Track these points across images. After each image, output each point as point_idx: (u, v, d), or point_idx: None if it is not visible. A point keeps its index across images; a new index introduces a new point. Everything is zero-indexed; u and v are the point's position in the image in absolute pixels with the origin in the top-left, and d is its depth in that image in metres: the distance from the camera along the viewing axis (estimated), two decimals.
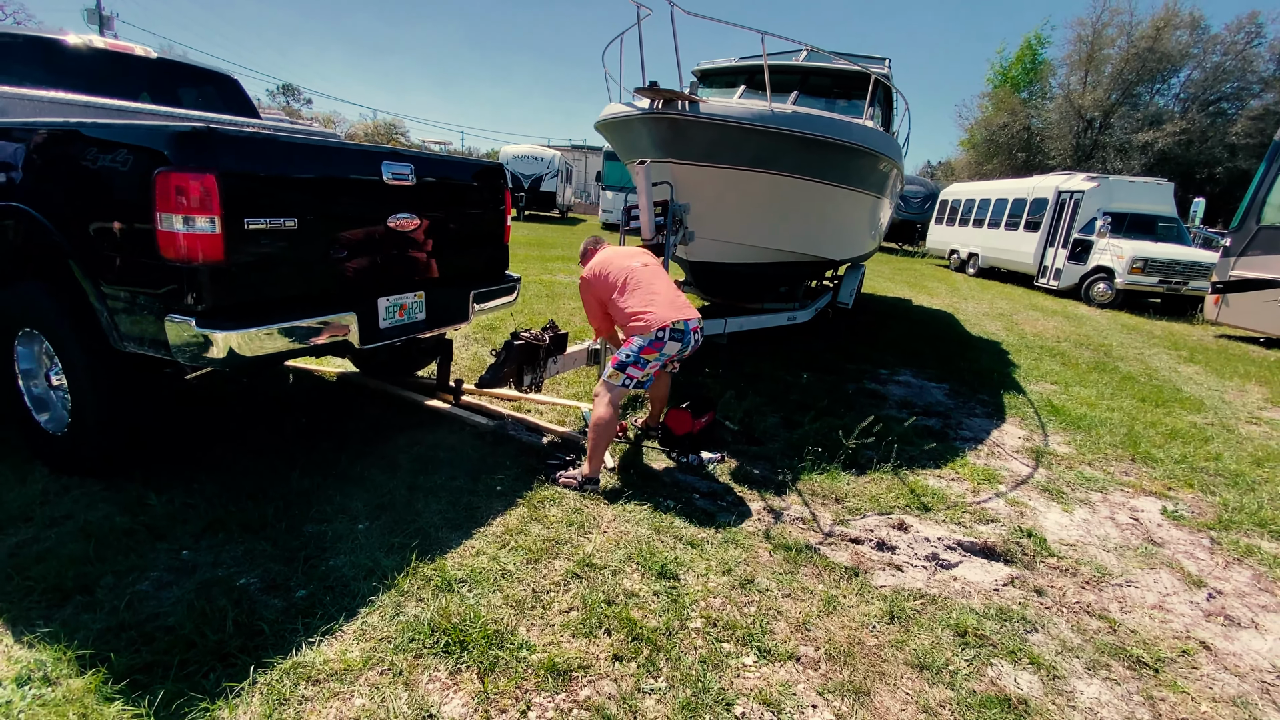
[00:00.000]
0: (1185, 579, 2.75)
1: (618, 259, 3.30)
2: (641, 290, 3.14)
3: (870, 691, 1.92)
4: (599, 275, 3.26)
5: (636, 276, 3.19)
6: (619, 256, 3.33)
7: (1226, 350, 8.39)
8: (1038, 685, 2.02)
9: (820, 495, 3.19)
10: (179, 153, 2.15)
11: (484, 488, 2.95)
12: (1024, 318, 9.86)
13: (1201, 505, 3.50)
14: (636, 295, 3.14)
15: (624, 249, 3.51)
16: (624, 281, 3.18)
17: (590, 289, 3.33)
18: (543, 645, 1.98)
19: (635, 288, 3.15)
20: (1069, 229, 12.94)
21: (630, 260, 3.29)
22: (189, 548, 2.35)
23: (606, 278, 3.23)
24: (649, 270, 3.26)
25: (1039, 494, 3.46)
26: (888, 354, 6.44)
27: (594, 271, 3.30)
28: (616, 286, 3.18)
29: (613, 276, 3.21)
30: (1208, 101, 26.52)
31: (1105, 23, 27.44)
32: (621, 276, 3.19)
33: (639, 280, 3.18)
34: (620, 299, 3.16)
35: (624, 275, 3.19)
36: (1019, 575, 2.64)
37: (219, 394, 3.92)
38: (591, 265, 3.36)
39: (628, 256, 3.34)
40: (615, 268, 3.24)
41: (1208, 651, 2.29)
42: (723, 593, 2.33)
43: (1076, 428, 4.58)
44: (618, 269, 3.23)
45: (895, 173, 6.76)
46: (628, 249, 3.51)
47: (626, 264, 3.26)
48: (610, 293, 3.21)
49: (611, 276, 3.21)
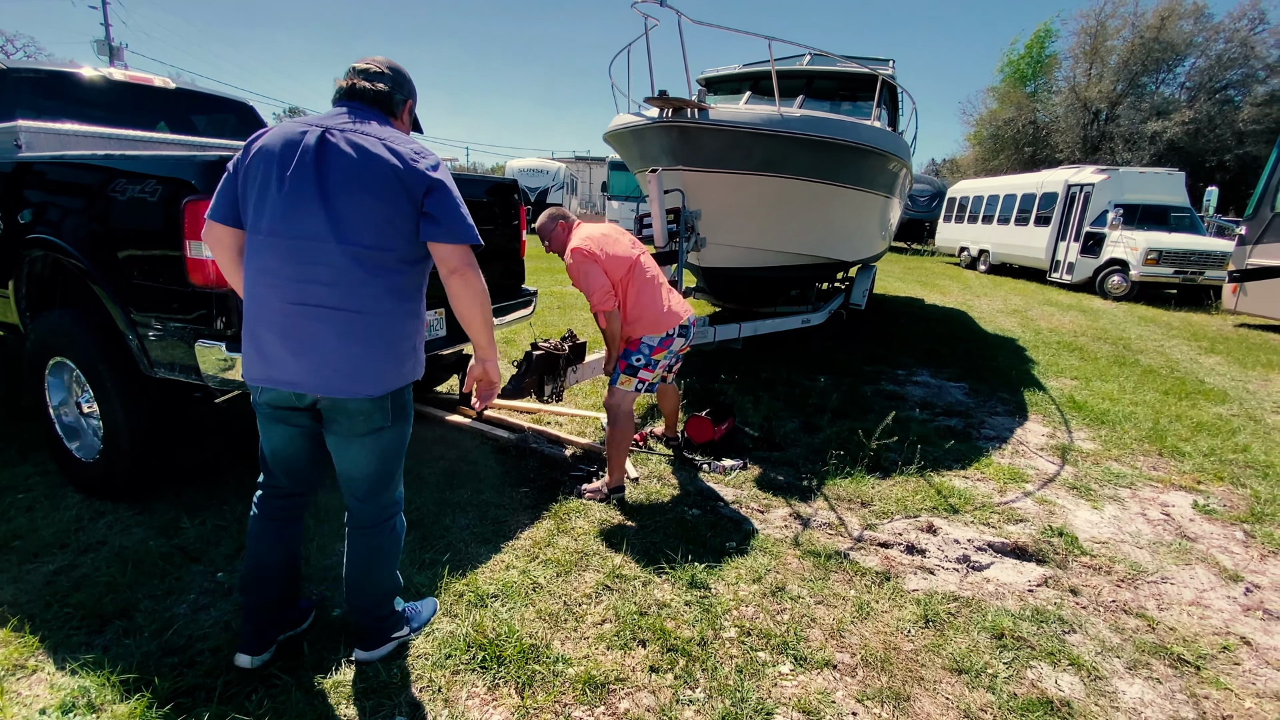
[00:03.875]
0: (1221, 574, 2.71)
1: (616, 241, 3.04)
2: (649, 285, 3.02)
3: (910, 697, 1.90)
4: (606, 256, 2.94)
5: (641, 268, 3.03)
6: (613, 240, 3.04)
7: (1247, 339, 8.28)
8: (1079, 686, 2.00)
9: (846, 500, 3.18)
10: (207, 181, 2.19)
11: (510, 501, 2.96)
12: (1039, 313, 9.78)
13: (1233, 498, 3.45)
14: (645, 290, 3.01)
15: (601, 227, 3.14)
16: (629, 270, 2.98)
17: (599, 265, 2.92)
18: (579, 658, 1.98)
19: (642, 281, 3.01)
20: (1080, 222, 12.84)
21: (625, 243, 3.07)
22: (223, 569, 2.38)
23: (613, 260, 2.96)
24: (648, 262, 3.11)
25: (1067, 492, 3.42)
26: (903, 354, 6.41)
27: (599, 249, 2.95)
28: (623, 273, 2.97)
29: (619, 260, 2.97)
30: (1214, 89, 26.28)
31: (1109, 14, 27.34)
32: (626, 264, 2.98)
33: (651, 274, 3.05)
34: (634, 291, 3.00)
35: (629, 264, 2.99)
36: (1052, 575, 2.61)
37: (246, 416, 3.97)
38: (589, 239, 2.99)
39: (621, 241, 3.07)
40: (619, 252, 3.00)
41: (1248, 647, 2.25)
42: (754, 601, 2.32)
43: (1100, 423, 4.53)
44: (621, 254, 3.00)
45: (904, 172, 6.76)
46: (604, 227, 3.15)
47: (628, 250, 3.04)
48: (617, 276, 2.96)
49: (617, 260, 2.97)
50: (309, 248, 1.56)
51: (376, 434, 1.73)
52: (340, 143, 1.57)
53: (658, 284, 3.09)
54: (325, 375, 1.61)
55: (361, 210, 1.57)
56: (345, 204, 1.56)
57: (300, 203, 1.55)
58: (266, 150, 1.58)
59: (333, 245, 1.56)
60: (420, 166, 1.60)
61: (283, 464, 1.82)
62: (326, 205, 1.55)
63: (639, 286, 3.01)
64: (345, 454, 1.76)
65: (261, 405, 1.73)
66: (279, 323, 1.59)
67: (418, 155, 1.62)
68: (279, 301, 1.58)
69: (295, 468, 1.83)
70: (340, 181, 1.55)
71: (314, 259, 1.56)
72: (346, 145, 1.57)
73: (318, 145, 1.56)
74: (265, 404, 1.72)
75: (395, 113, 1.74)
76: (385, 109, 1.71)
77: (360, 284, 1.59)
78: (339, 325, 1.59)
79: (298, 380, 1.62)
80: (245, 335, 1.65)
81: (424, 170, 1.60)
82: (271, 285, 1.58)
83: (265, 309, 1.60)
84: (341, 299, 1.58)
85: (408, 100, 1.78)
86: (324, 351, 1.60)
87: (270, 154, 1.57)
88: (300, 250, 1.56)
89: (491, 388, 1.85)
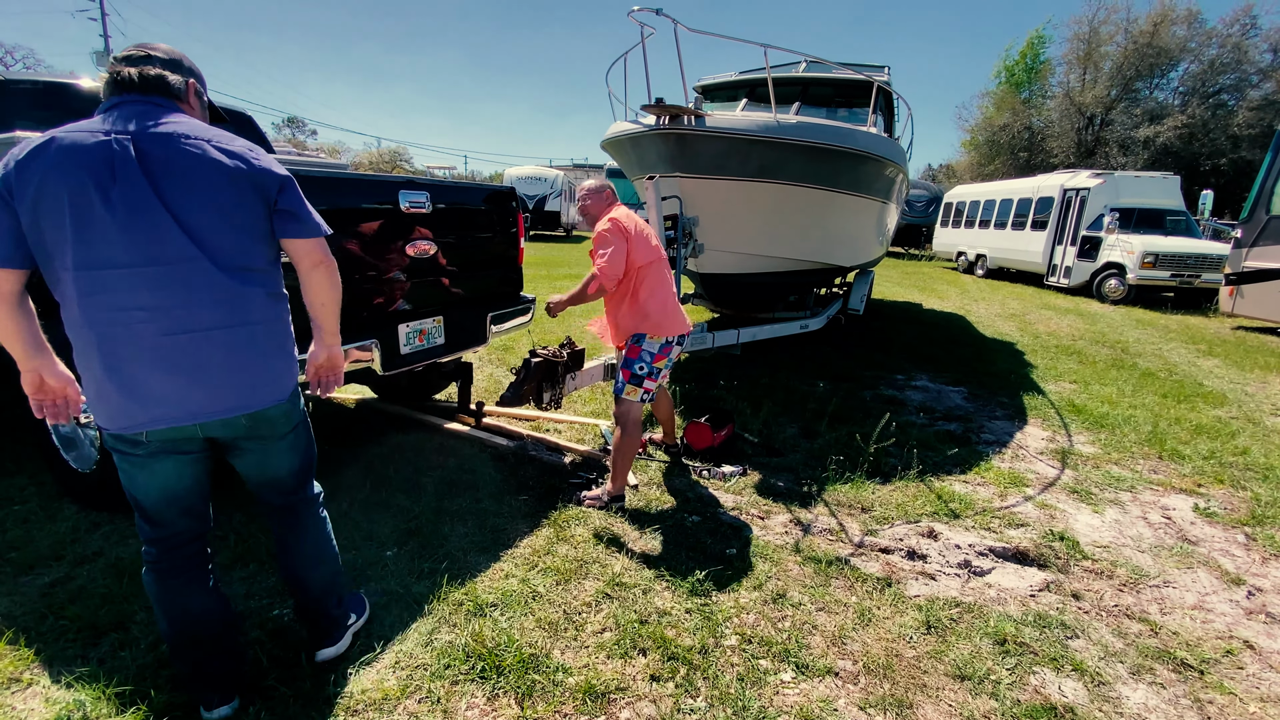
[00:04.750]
0: (1223, 577, 2.70)
1: (650, 235, 3.03)
2: (664, 285, 3.02)
3: (912, 704, 1.89)
4: (638, 234, 2.92)
5: (663, 266, 3.03)
6: (647, 232, 3.02)
7: (1245, 342, 8.30)
8: (1083, 692, 1.99)
9: (846, 505, 3.17)
10: None
11: (509, 509, 2.95)
12: (1037, 317, 9.80)
13: (1233, 501, 3.45)
14: (661, 288, 3.00)
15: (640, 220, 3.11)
16: (651, 263, 2.95)
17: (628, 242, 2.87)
18: (579, 667, 1.96)
19: (659, 279, 3.00)
20: (1077, 227, 12.89)
21: (655, 242, 3.04)
22: (221, 580, 2.36)
23: (640, 243, 2.92)
24: (667, 267, 3.11)
25: (1067, 496, 3.42)
26: (902, 359, 6.41)
27: (633, 228, 2.92)
28: (645, 262, 2.93)
29: (646, 248, 2.95)
30: (1207, 94, 26.44)
31: (1102, 20, 27.56)
32: (651, 255, 2.95)
33: (665, 273, 3.04)
34: (644, 282, 2.96)
35: (653, 256, 2.96)
36: (1054, 580, 2.60)
37: None
38: (629, 217, 2.96)
39: (653, 237, 3.05)
40: (648, 241, 2.98)
41: (1251, 650, 2.24)
42: (755, 608, 2.31)
43: (1100, 427, 4.53)
44: (651, 244, 2.98)
45: (900, 177, 6.78)
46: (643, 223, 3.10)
47: (656, 246, 3.02)
48: (638, 263, 2.93)
49: (645, 247, 2.94)
50: (181, 271, 1.44)
51: (295, 430, 1.78)
52: (163, 150, 1.42)
53: (671, 289, 3.09)
54: (241, 392, 1.57)
55: (219, 220, 1.48)
56: (200, 218, 1.45)
57: (149, 225, 1.40)
58: (62, 172, 1.35)
59: (206, 264, 1.47)
60: (266, 164, 1.53)
61: (179, 504, 1.66)
62: (180, 222, 1.43)
63: (655, 282, 2.98)
64: (270, 460, 1.76)
65: (144, 447, 1.55)
66: (165, 356, 1.46)
67: (253, 151, 1.54)
68: (157, 335, 1.44)
69: (192, 504, 1.69)
70: (184, 193, 1.43)
71: (191, 282, 1.46)
72: (173, 153, 1.43)
73: (138, 157, 1.40)
74: (157, 442, 1.55)
75: (182, 97, 1.57)
76: (169, 94, 1.53)
77: (244, 296, 1.53)
78: (237, 341, 1.54)
79: (205, 408, 1.53)
80: (105, 380, 1.45)
81: (272, 168, 1.55)
82: (143, 320, 1.43)
83: (137, 347, 1.44)
84: (230, 316, 1.52)
85: (189, 80, 1.60)
86: (230, 370, 1.54)
87: (71, 175, 1.35)
88: (171, 276, 1.43)
89: (337, 374, 1.82)
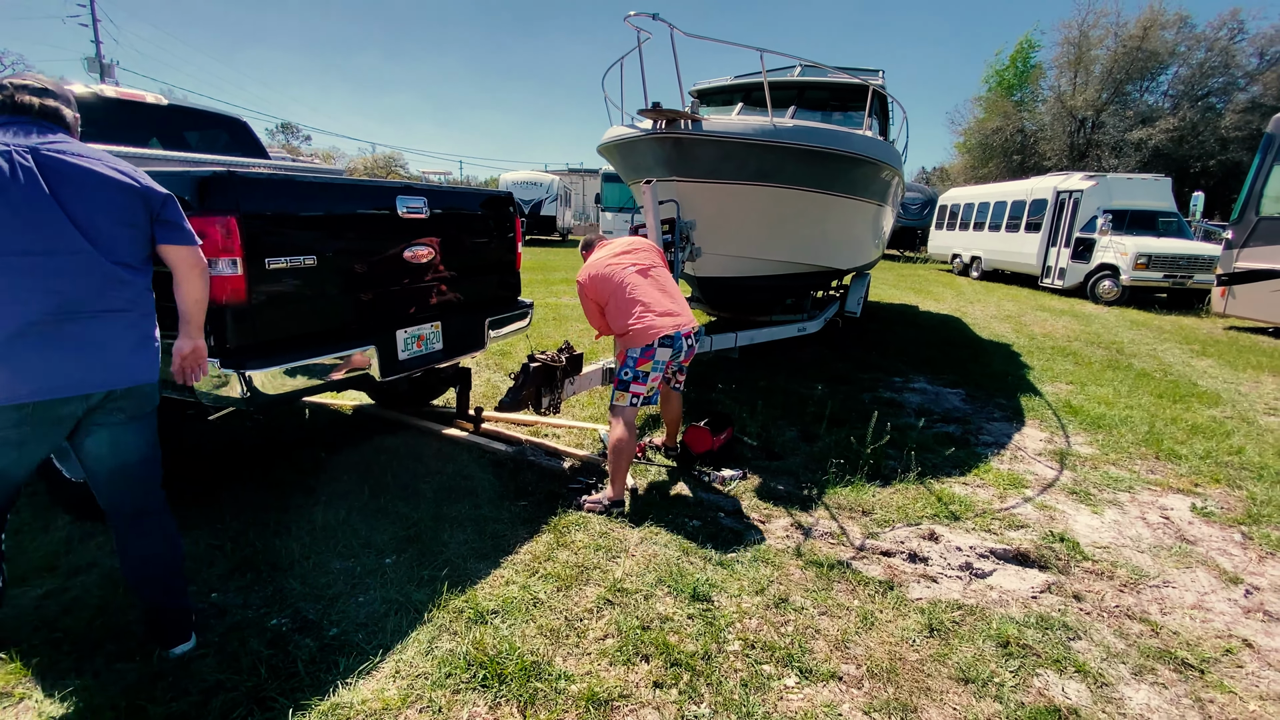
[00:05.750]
0: (1221, 576, 2.71)
1: (612, 261, 3.23)
2: (633, 298, 3.09)
3: (917, 708, 1.88)
4: (594, 277, 3.20)
5: (631, 284, 3.12)
6: (613, 256, 3.25)
7: (1237, 342, 8.35)
8: (1086, 694, 1.98)
9: (847, 509, 3.16)
10: (202, 197, 2.18)
11: (508, 515, 2.93)
12: (1032, 319, 9.84)
13: (1230, 500, 3.46)
14: (627, 305, 3.08)
15: (619, 243, 3.39)
16: (617, 287, 3.12)
17: (586, 292, 3.25)
18: (581, 675, 1.95)
19: (626, 296, 3.10)
20: (1070, 228, 12.97)
21: (626, 261, 3.22)
22: (218, 589, 2.34)
23: (600, 281, 3.17)
24: (642, 275, 3.19)
25: (1067, 497, 3.42)
26: (900, 361, 6.42)
27: (588, 276, 3.23)
28: (609, 291, 3.13)
29: (606, 280, 3.15)
30: (1197, 97, 26.70)
31: (1091, 24, 27.81)
32: (614, 282, 3.14)
33: (632, 286, 3.12)
34: (613, 306, 3.12)
35: (617, 280, 3.14)
36: (1055, 581, 2.60)
37: (239, 432, 3.93)
38: (587, 267, 3.28)
39: (623, 254, 3.26)
40: (609, 271, 3.17)
41: (1250, 649, 2.25)
42: (758, 613, 2.30)
43: (1097, 427, 4.54)
44: (611, 272, 3.16)
45: (896, 180, 6.80)
46: (623, 243, 3.40)
47: (621, 266, 3.19)
48: (605, 298, 3.16)
49: (604, 280, 3.16)
50: (73, 262, 1.68)
51: (149, 416, 1.92)
52: (58, 162, 1.67)
53: (644, 298, 3.10)
54: (118, 368, 1.78)
55: (109, 223, 1.73)
56: (93, 219, 1.70)
57: (46, 221, 1.64)
58: None
59: (97, 257, 1.71)
60: (150, 183, 1.81)
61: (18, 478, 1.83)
62: (78, 223, 1.68)
63: (615, 305, 3.13)
64: (123, 442, 1.87)
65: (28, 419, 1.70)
66: (53, 335, 1.67)
67: (137, 171, 1.82)
68: (45, 316, 1.65)
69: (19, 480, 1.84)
70: (78, 198, 1.68)
71: (84, 271, 1.70)
72: (67, 165, 1.68)
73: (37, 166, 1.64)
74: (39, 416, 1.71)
75: (71, 129, 1.83)
76: (62, 123, 1.80)
77: (128, 286, 1.78)
78: (118, 324, 1.77)
79: (86, 379, 1.73)
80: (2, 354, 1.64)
81: (155, 187, 1.82)
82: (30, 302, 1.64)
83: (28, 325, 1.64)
84: (115, 302, 1.76)
85: (75, 115, 1.87)
86: (111, 348, 1.76)
87: None
88: (67, 265, 1.67)
89: (202, 364, 1.98)
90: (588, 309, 3.31)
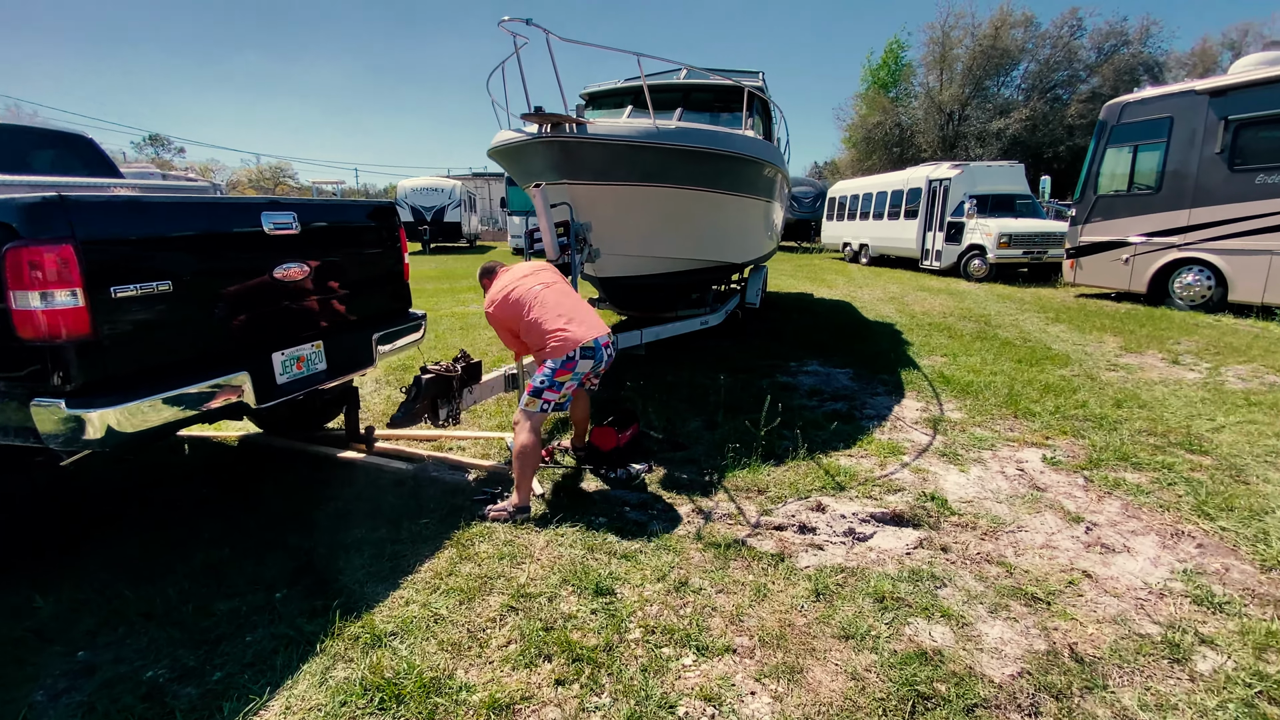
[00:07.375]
0: (1066, 517, 3.07)
1: (517, 283, 3.29)
2: (548, 313, 3.14)
3: (803, 669, 2.03)
4: (502, 302, 3.25)
5: (541, 299, 3.18)
6: (517, 279, 3.32)
7: (1085, 307, 9.40)
8: (949, 635, 2.20)
9: (744, 489, 3.33)
10: (30, 225, 2.00)
11: (408, 534, 2.87)
12: (914, 299, 10.63)
13: (1074, 449, 3.91)
14: (543, 319, 3.13)
15: (521, 268, 3.46)
16: (529, 306, 3.17)
17: (496, 319, 3.32)
18: (482, 684, 1.96)
19: (541, 311, 3.15)
20: (942, 214, 14.14)
21: (530, 282, 3.28)
22: (85, 647, 2.16)
23: (510, 304, 3.22)
24: (551, 290, 3.26)
25: (938, 459, 3.76)
26: (795, 347, 6.78)
27: (496, 299, 3.28)
28: (521, 312, 3.18)
29: (515, 303, 3.20)
30: (1045, 89, 29.74)
31: (951, 25, 30.34)
32: (525, 302, 3.19)
33: (544, 302, 3.17)
34: (527, 325, 3.16)
35: (527, 300, 3.19)
36: (926, 537, 2.86)
37: (104, 475, 3.60)
38: (492, 294, 3.33)
39: (527, 277, 3.33)
40: (517, 293, 3.23)
41: (1090, 579, 2.56)
42: (659, 599, 2.39)
43: (965, 394, 5.00)
44: (519, 294, 3.22)
45: (780, 177, 7.16)
46: (525, 267, 3.47)
47: (528, 286, 3.25)
48: (517, 320, 3.20)
49: (514, 302, 3.21)
50: None
51: None
52: None
53: (559, 310, 3.16)
54: None
55: None
56: None
57: None
58: None
59: None
60: None
61: None
62: None
63: (536, 316, 3.15)
64: None
65: None
66: None
67: None
68: None
69: None
70: None
71: None
72: None
73: None
74: None
75: None
76: None
77: None
78: None
79: None
80: None
81: None
82: None
83: None
84: None
85: None
86: None
87: None
88: None
89: None
90: (502, 336, 3.41)
